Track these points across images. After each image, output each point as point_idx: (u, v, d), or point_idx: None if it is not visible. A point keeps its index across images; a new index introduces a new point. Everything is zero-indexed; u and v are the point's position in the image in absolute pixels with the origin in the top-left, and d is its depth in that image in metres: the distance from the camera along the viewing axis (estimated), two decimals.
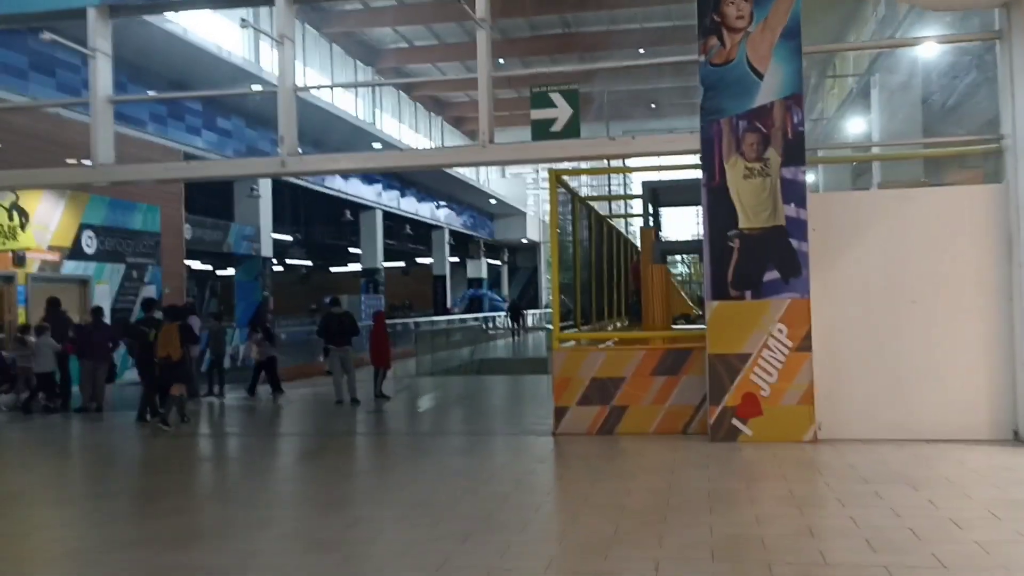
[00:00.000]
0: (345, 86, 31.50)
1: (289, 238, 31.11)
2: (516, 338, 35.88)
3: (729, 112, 8.68)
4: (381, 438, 10.44)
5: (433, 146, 39.08)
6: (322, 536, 5.47)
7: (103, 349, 12.93)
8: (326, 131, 25.73)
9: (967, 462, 7.32)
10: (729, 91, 8.70)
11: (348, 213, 29.14)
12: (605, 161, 24.20)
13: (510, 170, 56.36)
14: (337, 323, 13.40)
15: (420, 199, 38.24)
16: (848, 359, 8.57)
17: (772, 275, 8.53)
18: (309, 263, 47.98)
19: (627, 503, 6.15)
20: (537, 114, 9.24)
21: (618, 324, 15.87)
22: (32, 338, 13.01)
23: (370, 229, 32.98)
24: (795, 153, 8.57)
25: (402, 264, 49.67)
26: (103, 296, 17.19)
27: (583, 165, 29.09)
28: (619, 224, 18.28)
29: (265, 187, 24.18)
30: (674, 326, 15.15)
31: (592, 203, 13.38)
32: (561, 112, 9.15)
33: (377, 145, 28.44)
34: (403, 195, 36.09)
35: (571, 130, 9.11)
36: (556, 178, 9.76)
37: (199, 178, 11.85)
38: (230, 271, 25.10)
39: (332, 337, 13.31)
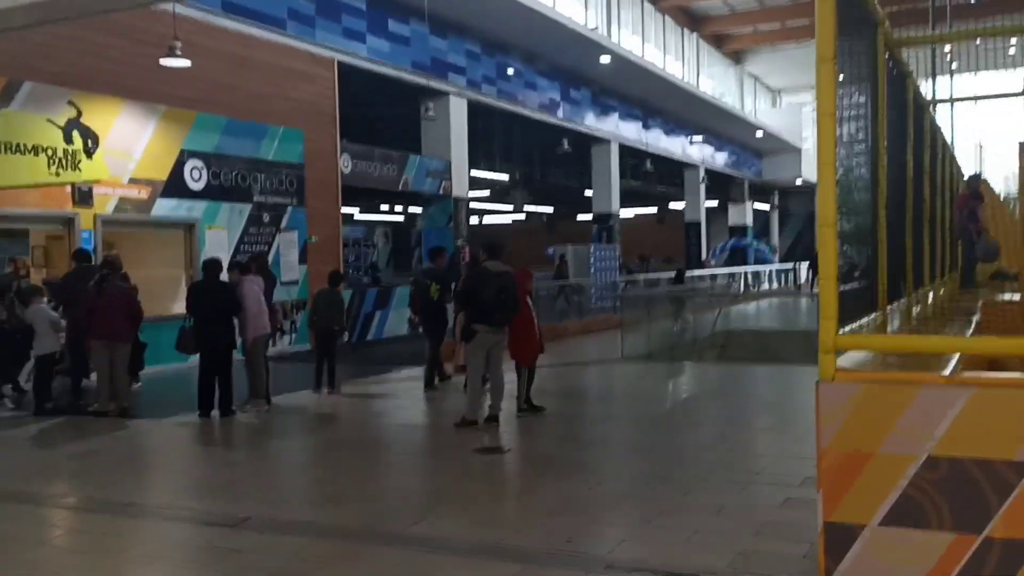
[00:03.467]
0: None
1: (504, 177, 26.38)
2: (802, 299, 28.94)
3: None
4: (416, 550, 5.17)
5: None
6: None
7: (116, 322, 8.70)
8: None
9: None
10: None
11: (566, 143, 23.78)
12: None
13: (785, 98, 48.48)
14: (496, 285, 8.08)
15: (668, 131, 32.12)
16: None
17: None
18: (550, 210, 43.61)
19: None
20: None
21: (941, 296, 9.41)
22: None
23: (603, 167, 27.48)
24: None
25: (654, 210, 43.85)
26: (218, 245, 13.27)
27: None
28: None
29: (458, 110, 19.45)
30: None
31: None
32: None
33: None
34: (646, 127, 30.22)
35: None
36: None
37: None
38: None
39: (488, 309, 8.05)
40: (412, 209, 29.38)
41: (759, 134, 37.94)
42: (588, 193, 29.57)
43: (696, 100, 30.53)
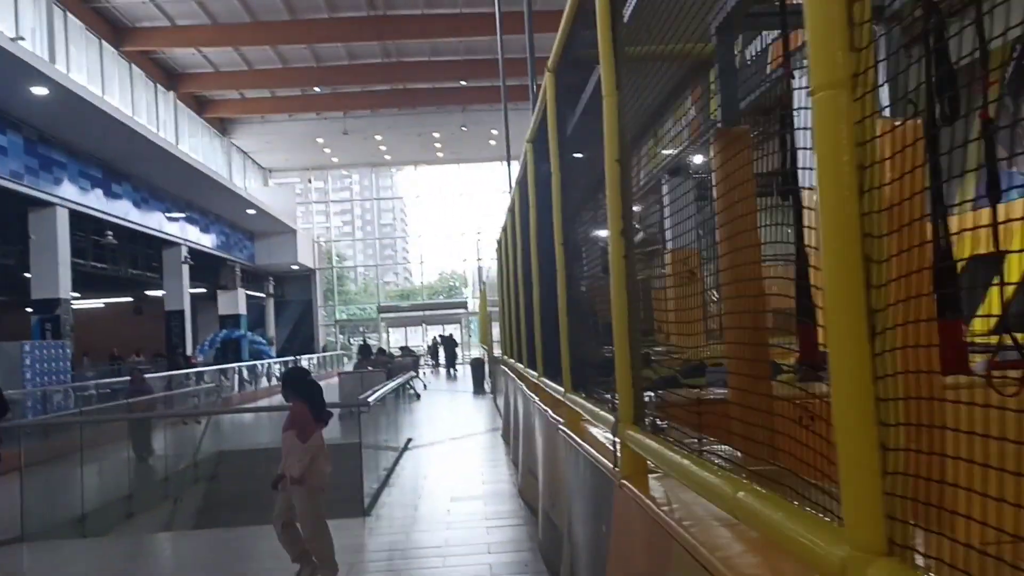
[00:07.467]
0: None
1: None
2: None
3: None
4: None
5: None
6: None
7: None
8: None
9: None
10: None
11: None
12: None
13: (276, 178, 45.14)
14: None
15: (140, 202, 26.25)
16: None
17: None
18: None
19: None
20: None
21: None
22: None
23: (47, 240, 20.76)
24: None
25: (131, 299, 36.78)
26: None
27: None
28: None
29: None
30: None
31: None
32: None
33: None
34: (110, 193, 24.11)
35: None
36: None
37: None
38: None
39: None
40: None
41: (251, 211, 33.71)
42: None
43: (176, 163, 25.24)
